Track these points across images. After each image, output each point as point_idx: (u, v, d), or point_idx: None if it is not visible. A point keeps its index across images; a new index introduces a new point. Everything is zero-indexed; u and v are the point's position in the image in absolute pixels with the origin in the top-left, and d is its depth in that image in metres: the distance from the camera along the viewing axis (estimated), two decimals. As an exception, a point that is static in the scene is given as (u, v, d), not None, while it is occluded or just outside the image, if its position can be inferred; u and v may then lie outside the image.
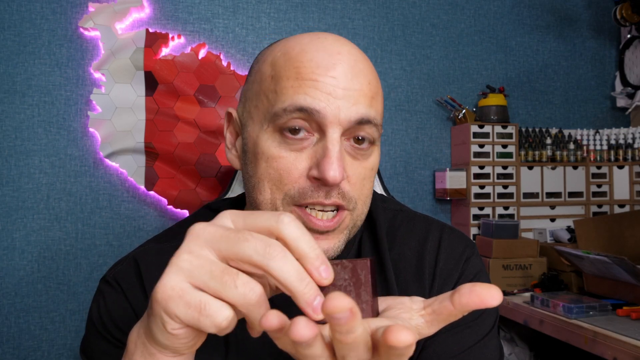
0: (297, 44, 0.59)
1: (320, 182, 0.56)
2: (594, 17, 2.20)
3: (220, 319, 0.38)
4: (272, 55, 0.60)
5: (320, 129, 0.56)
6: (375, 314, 0.42)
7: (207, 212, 0.75)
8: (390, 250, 0.70)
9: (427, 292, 0.67)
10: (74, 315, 1.68)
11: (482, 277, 0.70)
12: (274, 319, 0.35)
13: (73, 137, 1.71)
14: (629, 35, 2.06)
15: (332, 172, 0.54)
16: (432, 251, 0.69)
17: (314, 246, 0.38)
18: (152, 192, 1.73)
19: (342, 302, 0.31)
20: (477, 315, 0.66)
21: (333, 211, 0.58)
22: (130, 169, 1.73)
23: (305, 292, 0.37)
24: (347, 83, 0.57)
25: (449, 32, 2.05)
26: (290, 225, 0.38)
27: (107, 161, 1.72)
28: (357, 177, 0.59)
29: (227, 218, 0.41)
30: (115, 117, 1.71)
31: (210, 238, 0.39)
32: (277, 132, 0.57)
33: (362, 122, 0.57)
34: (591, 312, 1.36)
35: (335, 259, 0.55)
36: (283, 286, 0.37)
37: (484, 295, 0.35)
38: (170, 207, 1.75)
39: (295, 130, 0.56)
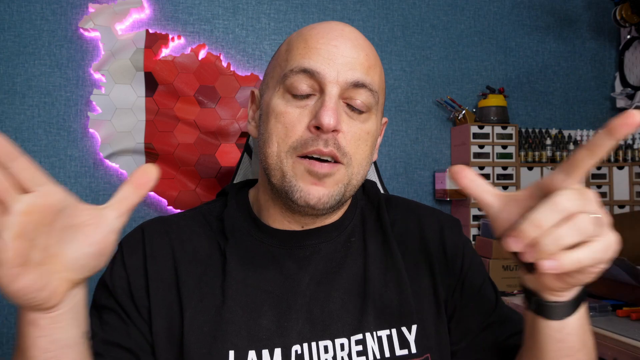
0: (311, 28, 0.69)
1: (319, 131, 0.63)
2: (594, 18, 2.20)
3: None
4: (288, 38, 0.71)
5: (321, 89, 0.64)
6: None
7: (220, 195, 0.81)
8: (395, 223, 0.76)
9: (442, 264, 0.73)
10: (74, 316, 1.69)
11: (472, 247, 0.78)
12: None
13: (73, 137, 1.71)
14: (628, 36, 2.07)
15: (327, 117, 0.61)
16: (433, 226, 0.76)
17: None
18: (152, 193, 1.73)
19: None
20: (483, 279, 0.74)
21: (331, 161, 0.65)
22: (130, 170, 1.73)
23: None
24: (347, 52, 0.65)
25: (449, 33, 2.05)
26: None
27: (107, 162, 1.72)
28: (352, 136, 0.65)
29: None
30: (115, 117, 1.71)
31: None
32: (286, 92, 0.65)
33: (358, 85, 0.65)
34: (591, 313, 1.36)
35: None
36: None
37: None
38: (170, 207, 1.75)
39: (300, 90, 0.64)
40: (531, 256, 0.46)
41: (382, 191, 1.43)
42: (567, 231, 0.45)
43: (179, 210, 1.75)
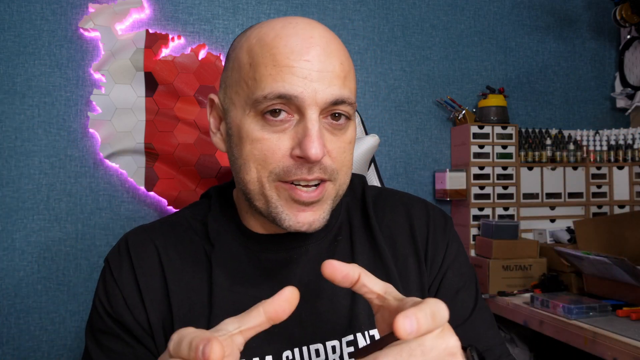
0: (271, 30, 0.62)
1: (302, 159, 0.60)
2: (594, 18, 2.20)
3: None
4: (247, 42, 0.64)
5: (300, 111, 0.60)
6: None
7: (204, 199, 0.80)
8: (382, 218, 0.74)
9: (422, 257, 0.72)
10: (74, 316, 1.68)
11: (460, 246, 0.76)
12: None
13: (73, 137, 1.71)
14: (628, 36, 2.07)
15: (314, 150, 0.58)
16: (421, 220, 0.74)
17: None
18: (152, 193, 1.73)
19: None
20: (464, 281, 0.72)
21: (316, 185, 0.62)
22: (130, 170, 1.73)
23: None
24: (321, 65, 0.60)
25: (449, 33, 2.05)
26: None
27: (107, 162, 1.72)
28: (337, 151, 0.63)
29: None
30: (115, 117, 1.71)
31: None
32: (259, 116, 0.61)
33: (337, 102, 0.61)
34: (591, 313, 1.36)
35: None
36: None
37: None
38: (170, 207, 1.75)
39: (276, 113, 0.60)
40: None
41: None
42: None
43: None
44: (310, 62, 0.60)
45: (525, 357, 1.75)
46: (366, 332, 0.65)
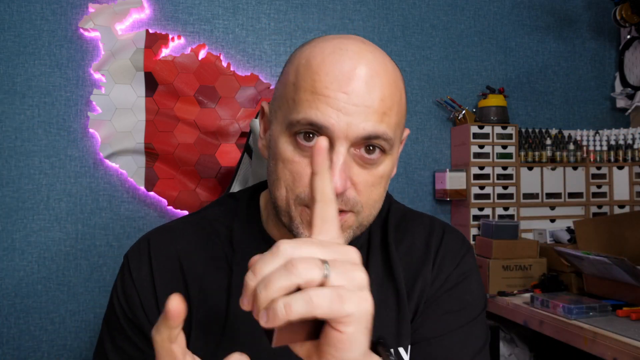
0: (320, 53, 0.61)
1: None
2: (594, 18, 2.20)
3: None
4: (297, 60, 0.63)
5: (330, 140, 0.59)
6: None
7: (230, 200, 0.78)
8: (402, 241, 0.74)
9: (429, 275, 0.71)
10: (74, 316, 1.68)
11: (472, 275, 0.74)
12: None
13: (73, 137, 1.71)
14: (628, 36, 2.06)
15: (333, 182, 0.57)
16: (435, 243, 0.74)
17: None
18: (152, 193, 1.73)
19: None
20: (463, 306, 0.70)
21: (339, 212, 0.61)
22: (130, 170, 1.73)
23: None
24: (359, 99, 0.59)
25: (449, 33, 2.05)
26: None
27: (107, 162, 1.72)
28: (365, 184, 0.62)
29: None
30: (115, 117, 1.71)
31: None
32: (292, 137, 0.61)
33: (371, 137, 0.60)
34: (591, 313, 1.36)
35: None
36: None
37: None
38: (170, 207, 1.75)
39: (308, 137, 0.60)
40: (256, 313, 0.40)
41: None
42: (279, 274, 0.39)
43: (179, 211, 1.75)
44: (348, 95, 0.58)
45: (525, 357, 1.75)
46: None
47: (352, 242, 0.71)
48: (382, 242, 0.74)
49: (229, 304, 0.65)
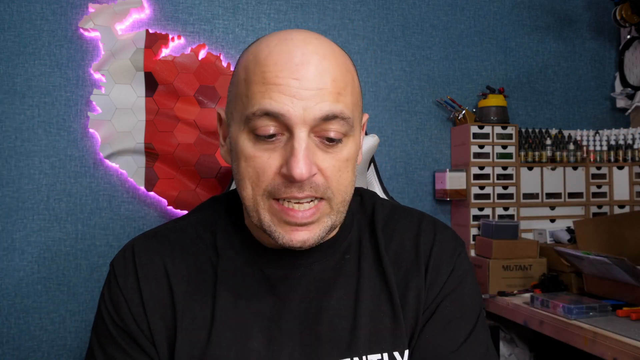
0: (266, 47, 0.62)
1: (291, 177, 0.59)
2: (594, 18, 2.20)
3: None
4: (245, 58, 0.64)
5: (289, 129, 0.59)
6: None
7: (213, 204, 0.77)
8: (391, 241, 0.72)
9: (423, 279, 0.70)
10: (74, 316, 1.68)
11: (469, 275, 0.73)
12: None
13: (73, 137, 1.71)
14: (628, 36, 2.07)
15: (298, 169, 0.57)
16: (427, 242, 0.72)
17: None
18: (152, 193, 1.73)
19: None
20: (464, 311, 0.69)
21: (311, 201, 0.61)
22: (130, 170, 1.73)
23: None
24: (310, 83, 0.59)
25: (449, 33, 2.05)
26: None
27: (107, 162, 1.72)
28: (332, 169, 0.62)
29: None
30: (115, 117, 1.71)
31: None
32: (252, 133, 0.61)
33: (328, 117, 0.60)
34: (591, 313, 1.36)
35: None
36: None
37: None
38: (170, 207, 1.75)
39: (266, 131, 0.60)
40: None
41: (382, 193, 1.42)
42: None
43: (179, 211, 1.75)
44: (299, 80, 0.58)
45: (525, 358, 1.75)
46: (364, 357, 0.64)
47: (340, 239, 0.70)
48: (372, 243, 0.72)
49: (215, 310, 0.64)
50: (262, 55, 0.61)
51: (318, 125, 0.60)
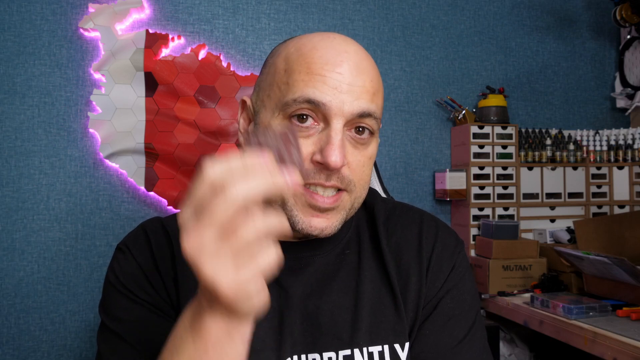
0: (309, 42, 0.65)
1: (322, 166, 0.62)
2: (594, 18, 2.20)
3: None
4: (286, 50, 0.67)
5: (326, 119, 0.62)
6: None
7: None
8: (393, 234, 0.75)
9: (424, 274, 0.72)
10: (74, 316, 1.68)
11: (467, 273, 0.75)
12: None
13: (73, 137, 1.71)
14: (628, 36, 2.07)
15: (334, 157, 0.60)
16: (429, 238, 0.74)
17: None
18: (152, 193, 1.73)
19: None
20: (463, 308, 0.71)
21: (334, 191, 0.64)
22: (130, 170, 1.73)
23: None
24: (352, 79, 0.63)
25: (449, 33, 2.05)
26: None
27: (107, 162, 1.72)
28: (357, 164, 0.65)
29: None
30: (115, 117, 1.71)
31: None
32: (287, 119, 0.63)
33: (364, 115, 0.63)
34: (591, 313, 1.36)
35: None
36: None
37: None
38: (170, 207, 1.75)
39: (303, 119, 0.62)
40: None
41: (382, 193, 1.42)
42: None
43: (179, 211, 1.75)
44: (342, 74, 0.62)
45: (525, 357, 1.75)
46: (364, 349, 0.65)
47: (340, 235, 0.72)
48: (372, 237, 0.74)
49: None
50: (306, 48, 0.64)
51: (353, 120, 0.63)
